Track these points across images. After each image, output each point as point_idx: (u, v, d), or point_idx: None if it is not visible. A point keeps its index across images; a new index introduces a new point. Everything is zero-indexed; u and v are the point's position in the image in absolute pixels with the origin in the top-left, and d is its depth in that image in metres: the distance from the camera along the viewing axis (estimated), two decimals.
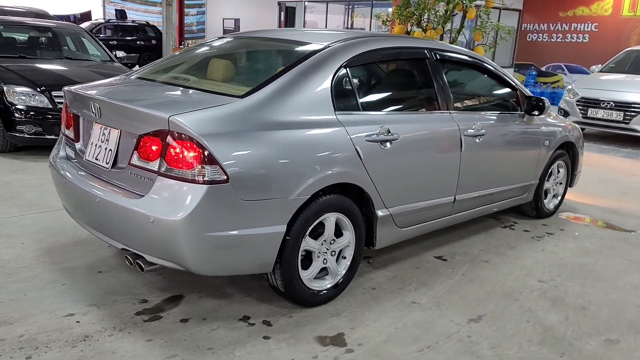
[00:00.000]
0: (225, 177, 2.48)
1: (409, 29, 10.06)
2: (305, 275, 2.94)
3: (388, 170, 3.21)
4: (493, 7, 11.99)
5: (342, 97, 3.12)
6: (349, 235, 3.12)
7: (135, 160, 2.65)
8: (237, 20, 19.17)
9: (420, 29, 10.00)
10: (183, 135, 2.47)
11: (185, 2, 25.74)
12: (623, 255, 4.14)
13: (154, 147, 2.56)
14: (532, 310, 3.20)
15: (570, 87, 9.63)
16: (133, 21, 20.01)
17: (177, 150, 2.49)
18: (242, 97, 2.75)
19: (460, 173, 3.72)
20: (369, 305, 3.13)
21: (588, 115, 9.04)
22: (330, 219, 2.98)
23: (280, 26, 17.90)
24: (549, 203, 4.96)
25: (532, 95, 4.28)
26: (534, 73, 16.49)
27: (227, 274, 3.01)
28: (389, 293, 3.30)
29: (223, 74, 3.22)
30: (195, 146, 2.46)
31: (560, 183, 5.05)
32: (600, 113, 8.89)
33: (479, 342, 2.82)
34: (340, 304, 3.11)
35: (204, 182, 2.46)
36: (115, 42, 16.70)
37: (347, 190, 3.07)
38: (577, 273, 3.77)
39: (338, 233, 3.10)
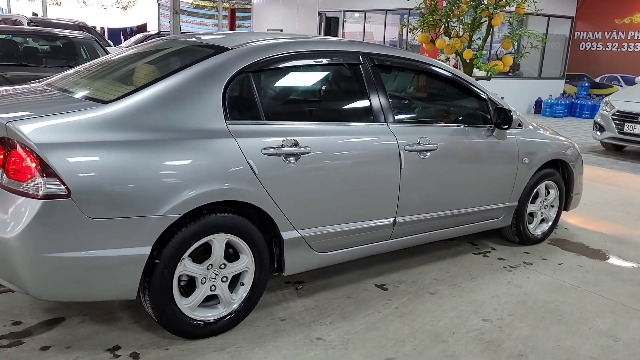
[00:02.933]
0: (66, 192, 2.23)
1: (434, 38, 9.58)
2: (185, 304, 2.63)
3: (296, 188, 2.85)
4: (534, 14, 11.32)
5: (240, 105, 2.81)
6: (246, 260, 2.79)
7: None
8: (280, 31, 19.16)
9: (444, 38, 9.49)
10: (21, 144, 2.23)
11: (237, 14, 26.22)
12: (603, 293, 3.56)
13: None
14: (455, 355, 2.74)
15: (607, 99, 8.82)
16: (183, 32, 20.45)
17: (16, 160, 2.26)
18: (107, 103, 2.49)
19: (400, 193, 3.30)
20: (265, 340, 2.77)
21: (624, 130, 8.22)
22: (218, 241, 2.66)
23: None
24: (535, 228, 4.40)
25: (503, 106, 3.79)
26: (586, 85, 15.46)
27: (80, 300, 2.74)
28: (298, 326, 2.93)
29: (121, 78, 2.98)
30: (32, 156, 2.22)
31: (552, 206, 4.48)
32: (638, 128, 8.05)
33: None
34: (233, 337, 2.77)
35: (40, 197, 2.21)
36: None
37: (245, 209, 2.75)
38: (536, 312, 3.25)
39: (237, 256, 2.78)
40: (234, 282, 2.83)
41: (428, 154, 3.38)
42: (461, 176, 3.65)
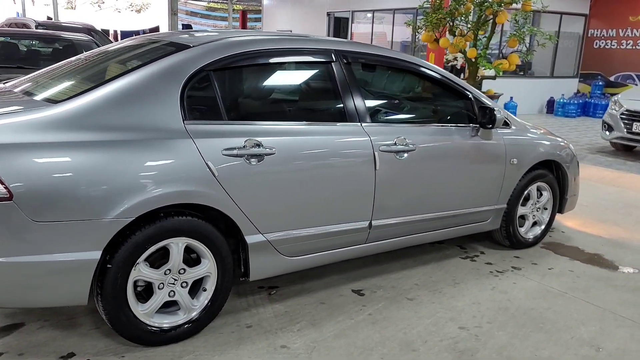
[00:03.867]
0: (8, 194, 2.16)
1: (438, 37, 9.42)
2: (142, 310, 2.55)
3: (261, 190, 2.75)
4: (541, 12, 11.07)
5: (200, 105, 2.72)
6: (208, 265, 2.70)
7: None
8: (290, 32, 19.11)
9: (448, 37, 9.32)
10: None
11: (249, 15, 26.23)
12: (592, 300, 3.40)
13: None
14: None
15: (615, 98, 8.57)
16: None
17: None
18: (57, 103, 2.42)
19: (376, 195, 3.18)
20: (227, 347, 2.68)
21: (633, 129, 7.97)
22: (176, 246, 2.57)
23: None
24: (527, 232, 4.24)
25: (487, 105, 3.64)
26: (600, 83, 15.11)
27: (31, 306, 2.67)
28: (263, 333, 2.83)
29: (80, 78, 2.91)
30: None
31: (545, 208, 4.32)
32: None
33: None
34: (193, 344, 2.68)
35: None
36: None
37: (209, 212, 2.66)
38: (517, 320, 3.10)
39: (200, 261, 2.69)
40: (197, 287, 2.74)
41: (405, 154, 3.25)
42: (443, 178, 3.52)
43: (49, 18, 21.14)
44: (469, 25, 9.28)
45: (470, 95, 3.69)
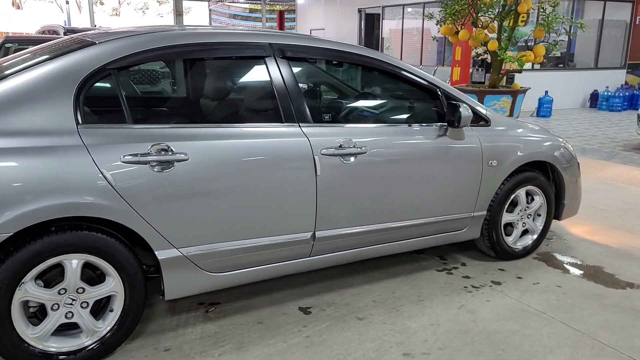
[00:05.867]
0: None
1: (458, 29, 8.92)
2: (32, 334, 2.33)
3: (172, 200, 2.50)
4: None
5: (100, 107, 2.49)
6: (112, 283, 2.46)
7: None
8: (323, 30, 18.86)
9: (467, 28, 8.80)
10: None
11: (286, 15, 26.14)
12: (572, 322, 2.96)
13: None
14: None
15: None
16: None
17: None
18: None
19: (319, 203, 2.87)
20: None
21: None
22: (70, 263, 2.34)
23: (360, 34, 17.22)
24: (516, 242, 3.80)
25: (455, 102, 3.25)
26: None
27: None
28: (180, 358, 2.57)
29: None
30: None
31: (538, 215, 3.87)
32: None
33: None
34: None
35: None
36: None
37: (111, 225, 2.42)
38: (475, 346, 2.72)
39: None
40: (105, 307, 2.51)
41: (353, 158, 2.92)
42: (402, 183, 3.15)
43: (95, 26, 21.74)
44: (491, 16, 8.75)
45: (439, 91, 3.31)
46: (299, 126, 2.83)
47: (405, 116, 3.38)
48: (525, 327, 2.90)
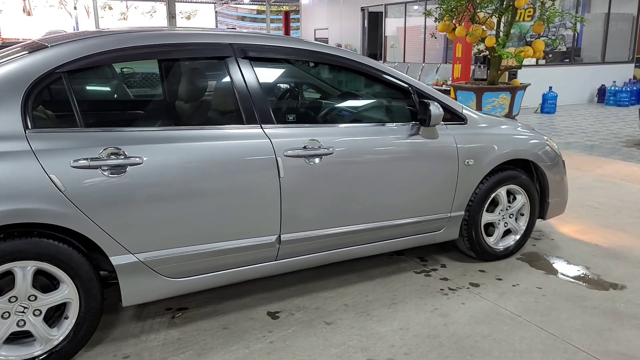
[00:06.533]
0: None
1: (456, 26, 8.80)
2: None
3: (125, 204, 2.45)
4: None
5: (50, 111, 2.45)
6: (66, 290, 2.42)
7: None
8: (326, 30, 18.81)
9: (466, 24, 8.67)
10: None
11: (291, 16, 26.08)
12: (547, 325, 2.87)
13: None
14: None
15: None
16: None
17: None
18: None
19: (283, 206, 2.80)
20: None
21: None
22: (21, 270, 2.31)
23: (363, 33, 17.12)
24: (497, 242, 3.70)
25: (426, 100, 3.16)
26: None
27: None
28: None
29: None
30: None
31: (521, 214, 3.77)
32: None
33: None
34: None
35: None
36: None
37: (65, 232, 2.38)
38: (442, 350, 2.64)
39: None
40: (59, 315, 2.46)
41: (317, 159, 2.85)
42: (372, 184, 3.08)
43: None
44: (489, 12, 8.62)
45: (411, 89, 3.23)
46: (261, 127, 2.77)
47: (376, 115, 3.31)
48: (498, 331, 2.81)
